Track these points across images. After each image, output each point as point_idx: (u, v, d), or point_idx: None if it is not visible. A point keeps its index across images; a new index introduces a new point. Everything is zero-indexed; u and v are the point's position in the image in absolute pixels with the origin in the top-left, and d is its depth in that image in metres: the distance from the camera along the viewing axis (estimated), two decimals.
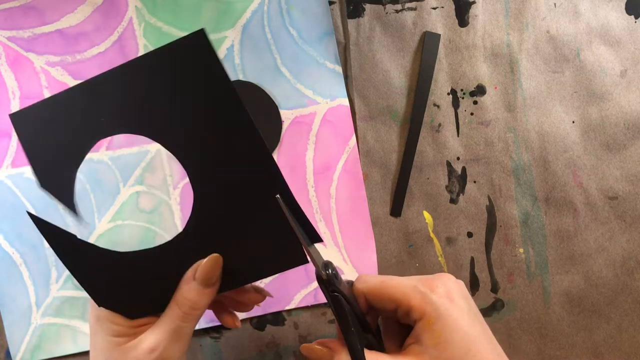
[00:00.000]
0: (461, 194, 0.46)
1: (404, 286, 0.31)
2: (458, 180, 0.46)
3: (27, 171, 0.46)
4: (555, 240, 0.46)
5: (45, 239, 0.30)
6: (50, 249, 0.46)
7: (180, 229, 0.46)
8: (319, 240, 0.32)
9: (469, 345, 0.29)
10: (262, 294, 0.37)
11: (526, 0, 0.46)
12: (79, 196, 0.46)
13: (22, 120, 0.29)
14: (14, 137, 0.46)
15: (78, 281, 0.31)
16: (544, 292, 0.46)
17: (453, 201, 0.46)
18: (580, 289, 0.46)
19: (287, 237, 0.30)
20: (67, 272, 0.46)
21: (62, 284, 0.46)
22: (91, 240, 0.46)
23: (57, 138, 0.30)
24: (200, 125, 0.29)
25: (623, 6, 0.47)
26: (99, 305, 0.31)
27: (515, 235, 0.46)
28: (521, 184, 0.46)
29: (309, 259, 0.31)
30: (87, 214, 0.46)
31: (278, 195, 0.29)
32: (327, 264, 0.31)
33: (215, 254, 0.31)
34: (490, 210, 0.46)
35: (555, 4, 0.47)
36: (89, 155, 0.46)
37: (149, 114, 0.29)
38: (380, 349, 0.33)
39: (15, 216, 0.46)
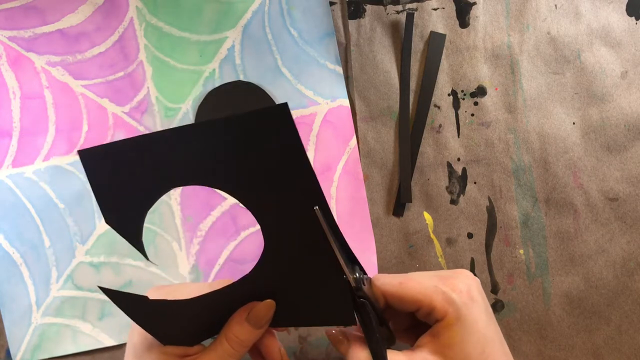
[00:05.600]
0: (461, 195, 0.46)
1: (425, 287, 0.31)
2: (458, 181, 0.46)
3: (27, 171, 0.46)
4: (555, 241, 0.46)
5: (117, 305, 0.31)
6: (51, 249, 0.46)
7: (180, 229, 0.46)
8: (357, 262, 0.33)
9: (483, 346, 0.30)
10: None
11: (527, 1, 0.46)
12: (81, 198, 0.46)
13: (90, 157, 0.30)
14: (15, 137, 0.46)
15: (145, 330, 0.32)
16: (544, 293, 0.46)
17: (453, 202, 0.46)
18: (580, 290, 0.46)
19: (340, 297, 0.32)
20: (67, 272, 0.46)
21: (63, 283, 0.46)
22: (91, 240, 0.46)
23: (128, 180, 0.30)
24: (274, 191, 0.30)
25: (624, 7, 0.47)
26: (164, 344, 0.33)
27: (516, 236, 0.46)
28: (521, 185, 0.46)
29: (342, 267, 0.31)
30: (87, 213, 0.46)
31: (316, 207, 0.29)
32: (356, 270, 0.32)
33: (270, 300, 0.33)
34: (491, 211, 0.46)
35: (556, 5, 0.47)
36: None
37: (225, 172, 0.30)
38: (392, 340, 0.34)
39: (15, 216, 0.46)
